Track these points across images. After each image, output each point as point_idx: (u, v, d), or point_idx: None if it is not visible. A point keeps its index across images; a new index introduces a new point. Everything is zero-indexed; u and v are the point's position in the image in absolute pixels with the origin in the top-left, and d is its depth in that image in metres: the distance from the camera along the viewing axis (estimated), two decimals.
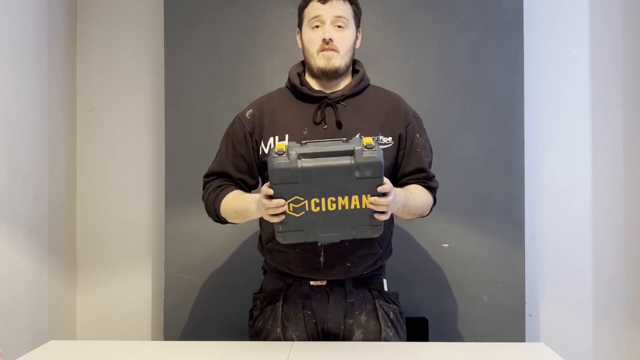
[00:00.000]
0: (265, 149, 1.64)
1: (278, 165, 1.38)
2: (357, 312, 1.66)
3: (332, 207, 1.42)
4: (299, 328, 1.66)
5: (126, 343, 1.76)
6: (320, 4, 1.62)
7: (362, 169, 1.39)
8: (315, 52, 1.63)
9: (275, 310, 1.67)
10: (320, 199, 1.41)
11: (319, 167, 1.39)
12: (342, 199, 1.42)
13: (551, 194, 2.49)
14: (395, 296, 1.74)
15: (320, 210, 1.42)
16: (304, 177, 1.39)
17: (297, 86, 1.67)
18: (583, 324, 2.49)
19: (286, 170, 1.38)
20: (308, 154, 1.40)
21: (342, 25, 1.62)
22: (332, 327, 1.66)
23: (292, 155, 1.39)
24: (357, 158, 1.39)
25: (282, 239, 1.47)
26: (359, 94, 1.69)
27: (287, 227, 1.44)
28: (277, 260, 1.67)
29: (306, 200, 1.41)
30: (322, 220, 1.44)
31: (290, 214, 1.42)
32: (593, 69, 2.50)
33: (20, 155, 2.09)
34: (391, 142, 1.65)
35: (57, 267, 2.37)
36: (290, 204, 1.41)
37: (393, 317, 1.69)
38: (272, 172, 1.39)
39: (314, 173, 1.39)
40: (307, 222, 1.44)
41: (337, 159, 1.40)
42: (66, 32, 2.46)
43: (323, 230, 1.45)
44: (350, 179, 1.40)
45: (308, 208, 1.42)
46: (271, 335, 1.67)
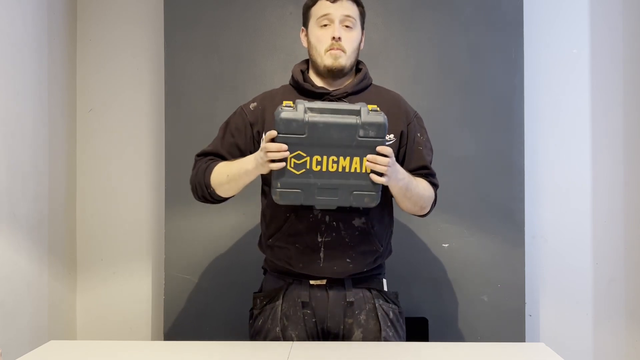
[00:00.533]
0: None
1: (286, 115, 1.40)
2: (356, 312, 1.66)
3: (332, 168, 1.44)
4: (298, 327, 1.66)
5: (126, 343, 1.77)
6: (329, 2, 1.63)
7: (366, 127, 1.42)
8: (323, 51, 1.64)
9: (275, 309, 1.68)
10: (322, 157, 1.43)
11: (325, 122, 1.41)
12: (344, 159, 1.44)
13: (551, 194, 2.49)
14: (395, 296, 1.74)
15: (320, 170, 1.44)
16: (309, 131, 1.41)
17: (300, 82, 1.68)
18: (583, 324, 2.49)
19: (293, 120, 1.40)
20: (315, 109, 1.43)
21: (350, 25, 1.64)
22: (331, 327, 1.67)
23: (299, 108, 1.42)
24: (362, 117, 1.42)
25: (279, 197, 1.46)
26: (361, 92, 1.70)
27: (285, 185, 1.45)
28: (278, 257, 1.67)
29: (308, 156, 1.42)
30: (321, 181, 1.45)
31: (290, 170, 1.43)
32: (593, 69, 2.50)
33: (20, 155, 2.09)
34: (393, 139, 1.66)
35: (57, 267, 2.37)
36: (292, 159, 1.42)
37: (393, 317, 1.70)
38: (279, 122, 1.41)
39: (319, 127, 1.41)
40: (306, 182, 1.44)
41: (343, 117, 1.43)
42: (66, 32, 2.46)
43: (321, 193, 1.46)
44: (354, 138, 1.42)
45: (309, 166, 1.43)
46: (270, 335, 1.67)
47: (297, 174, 1.43)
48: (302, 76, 1.70)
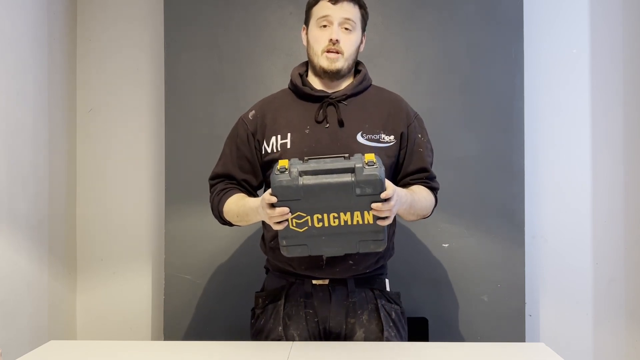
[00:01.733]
0: (267, 148, 1.66)
1: (279, 182, 1.41)
2: (359, 312, 1.66)
3: (334, 223, 1.45)
4: (300, 327, 1.66)
5: (126, 343, 1.76)
6: (330, 4, 1.63)
7: (362, 186, 1.41)
8: (320, 51, 1.64)
9: (277, 308, 1.67)
10: (322, 215, 1.44)
11: (320, 185, 1.41)
12: (344, 214, 1.44)
13: (551, 194, 2.49)
14: (397, 296, 1.74)
15: (322, 226, 1.45)
16: (305, 194, 1.41)
17: (298, 86, 1.68)
18: (583, 324, 2.49)
19: (288, 187, 1.41)
20: (309, 171, 1.42)
21: (349, 28, 1.64)
22: (333, 327, 1.66)
23: (293, 173, 1.41)
24: (357, 175, 1.41)
25: (286, 252, 1.49)
26: (361, 93, 1.70)
27: (290, 242, 1.46)
28: (280, 259, 1.66)
29: (308, 216, 1.43)
30: (325, 235, 1.46)
31: (293, 229, 1.44)
32: (593, 69, 2.50)
33: (20, 155, 2.09)
34: (393, 141, 1.66)
35: (57, 267, 2.37)
36: (293, 220, 1.43)
37: (395, 317, 1.70)
38: (275, 189, 1.42)
39: (315, 190, 1.41)
40: (311, 237, 1.46)
41: (338, 176, 1.42)
42: (66, 32, 2.46)
43: (327, 244, 1.48)
44: (351, 196, 1.42)
45: (311, 224, 1.44)
46: (272, 334, 1.67)
47: (301, 231, 1.45)
48: (300, 80, 1.70)
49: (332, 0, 1.62)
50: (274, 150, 1.64)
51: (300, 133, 1.63)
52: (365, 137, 1.64)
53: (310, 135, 1.62)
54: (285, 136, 1.63)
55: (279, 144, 1.64)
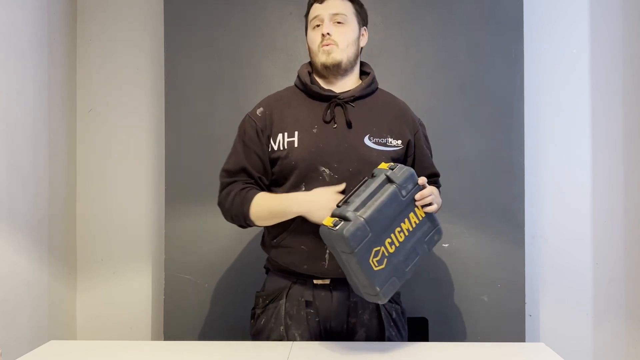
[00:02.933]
0: (274, 145, 1.65)
1: (349, 232, 1.41)
2: (360, 311, 1.66)
3: (401, 238, 1.49)
4: (301, 326, 1.65)
5: (126, 343, 1.76)
6: (318, 4, 1.68)
7: (404, 185, 1.48)
8: (316, 49, 1.67)
9: (278, 308, 1.67)
10: (390, 237, 1.47)
11: (377, 209, 1.44)
12: (404, 223, 1.49)
13: (551, 194, 2.49)
14: (398, 295, 1.75)
15: (396, 247, 1.48)
16: (371, 226, 1.43)
17: (307, 84, 1.69)
18: (583, 324, 2.49)
19: (356, 231, 1.41)
20: (359, 206, 1.44)
21: (340, 21, 1.66)
22: (335, 326, 1.67)
23: (350, 216, 1.42)
24: (395, 180, 1.47)
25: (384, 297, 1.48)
26: (368, 96, 1.71)
27: (382, 284, 1.47)
28: (282, 257, 1.67)
29: (381, 246, 1.45)
30: (401, 254, 1.49)
31: (378, 270, 1.45)
32: (593, 69, 2.50)
33: (20, 155, 2.09)
34: (400, 146, 1.68)
35: (57, 267, 2.37)
36: (374, 261, 1.44)
37: (395, 317, 1.71)
38: (347, 240, 1.41)
39: (376, 217, 1.43)
40: (393, 266, 1.48)
41: (381, 192, 1.46)
42: (66, 32, 2.46)
43: (406, 263, 1.51)
44: (400, 202, 1.47)
45: (387, 253, 1.46)
46: (273, 334, 1.67)
47: (384, 267, 1.47)
48: (309, 78, 1.70)
49: (319, 1, 1.68)
50: (280, 148, 1.64)
51: (308, 132, 1.63)
52: (372, 140, 1.64)
53: (317, 134, 1.62)
54: (293, 134, 1.63)
55: (285, 142, 1.63)
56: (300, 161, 1.61)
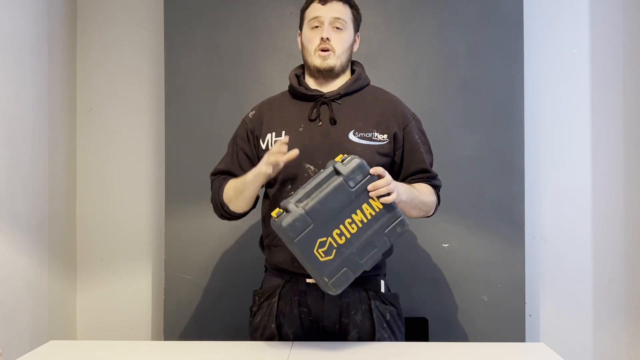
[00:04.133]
0: (262, 145, 1.70)
1: (286, 222, 1.42)
2: (352, 312, 1.66)
3: (353, 229, 1.46)
4: (294, 325, 1.67)
5: (126, 343, 1.77)
6: (320, 5, 1.68)
7: (352, 177, 1.45)
8: (312, 51, 1.69)
9: (271, 306, 1.69)
10: (339, 228, 1.45)
11: (319, 200, 1.43)
12: (356, 215, 1.46)
13: (551, 194, 2.48)
14: (394, 297, 1.73)
15: (346, 239, 1.46)
16: (313, 217, 1.42)
17: (294, 86, 1.73)
18: (583, 324, 2.49)
19: (295, 221, 1.41)
20: (302, 198, 1.44)
21: (340, 27, 1.68)
22: (327, 326, 1.67)
23: (291, 207, 1.43)
24: (341, 171, 1.45)
25: (335, 288, 1.47)
26: (356, 92, 1.72)
27: (331, 274, 1.46)
28: (274, 256, 1.69)
29: (328, 237, 1.44)
30: (354, 246, 1.47)
31: (325, 260, 1.44)
32: (593, 69, 2.50)
33: (20, 155, 2.09)
34: (386, 140, 1.67)
35: (57, 267, 2.37)
36: (319, 251, 1.43)
37: (389, 319, 1.69)
38: (284, 232, 1.42)
39: (318, 207, 1.43)
40: (345, 258, 1.46)
41: (327, 184, 1.45)
42: (66, 32, 2.46)
43: (361, 255, 1.48)
44: (348, 193, 1.45)
45: (335, 244, 1.45)
46: (267, 331, 1.68)
47: (332, 258, 1.45)
48: (296, 80, 1.74)
49: (321, 1, 1.68)
50: (268, 147, 1.67)
51: (294, 131, 1.66)
52: (357, 135, 1.65)
53: (303, 133, 1.66)
54: (280, 134, 1.67)
55: (273, 141, 1.67)
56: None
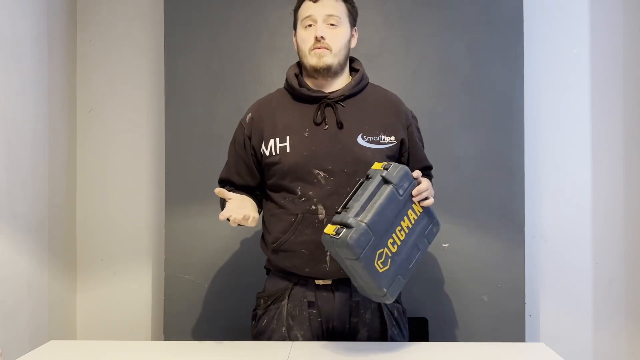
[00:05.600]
0: (266, 151, 1.65)
1: (352, 240, 1.41)
2: (362, 311, 1.66)
3: (402, 236, 1.50)
4: (304, 327, 1.65)
5: (126, 343, 1.76)
6: (312, 3, 1.64)
7: (400, 184, 1.48)
8: (307, 51, 1.64)
9: (280, 309, 1.67)
10: (392, 237, 1.48)
11: (377, 212, 1.44)
12: (404, 221, 1.50)
13: (551, 194, 2.49)
14: (399, 295, 1.73)
15: (398, 246, 1.49)
16: (373, 229, 1.43)
17: (295, 87, 1.67)
18: (583, 324, 2.49)
19: (359, 237, 1.41)
20: (359, 211, 1.44)
21: (334, 24, 1.63)
22: (337, 326, 1.66)
23: (352, 222, 1.42)
24: (391, 180, 1.47)
25: (392, 297, 1.50)
26: (358, 93, 1.69)
27: (388, 284, 1.48)
28: (283, 262, 1.67)
29: (385, 247, 1.46)
30: (404, 252, 1.50)
31: (383, 271, 1.46)
32: (593, 69, 2.50)
33: (20, 155, 2.09)
34: (393, 142, 1.66)
35: (57, 267, 2.37)
36: (378, 263, 1.45)
37: (397, 316, 1.71)
38: (351, 248, 1.41)
39: (376, 220, 1.44)
40: (398, 265, 1.49)
41: (379, 195, 1.46)
42: (66, 32, 2.46)
43: (409, 260, 1.52)
44: (398, 201, 1.48)
45: (390, 253, 1.47)
46: (276, 334, 1.66)
47: (388, 268, 1.48)
48: (296, 80, 1.69)
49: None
50: (272, 154, 1.64)
51: (299, 136, 1.63)
52: (365, 139, 1.63)
53: (309, 138, 1.62)
54: (284, 139, 1.63)
55: (277, 147, 1.63)
56: (293, 166, 1.61)
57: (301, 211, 1.60)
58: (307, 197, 1.60)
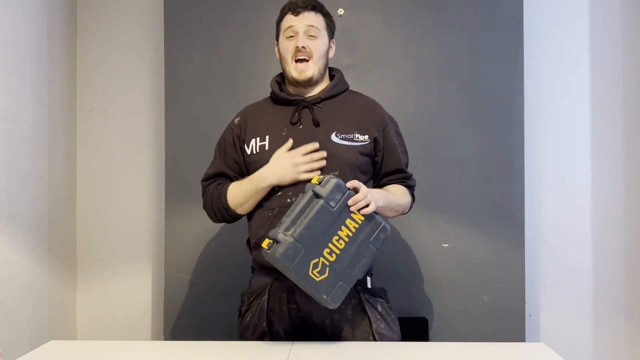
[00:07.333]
0: (247, 150, 1.75)
1: (279, 253, 1.48)
2: (342, 307, 1.66)
3: (341, 245, 1.54)
4: (284, 322, 1.68)
5: (126, 343, 1.77)
6: (293, 15, 1.75)
7: (331, 197, 1.52)
8: (289, 59, 1.74)
9: (262, 304, 1.70)
10: (328, 247, 1.52)
11: (306, 225, 1.50)
12: (341, 231, 1.54)
13: (551, 194, 2.48)
14: (382, 291, 1.76)
15: (337, 255, 1.53)
16: (303, 243, 1.49)
17: (276, 92, 1.79)
18: (583, 324, 2.49)
19: (287, 250, 1.48)
20: (289, 226, 1.51)
21: (314, 35, 1.74)
22: (316, 322, 1.68)
23: (280, 237, 1.49)
24: (321, 194, 1.52)
25: (334, 302, 1.54)
26: (335, 97, 1.78)
27: (329, 292, 1.53)
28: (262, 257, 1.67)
29: (320, 257, 1.51)
30: (346, 260, 1.54)
31: (321, 280, 1.52)
32: (593, 69, 2.50)
33: (20, 155, 2.09)
34: (367, 140, 1.73)
35: (57, 267, 2.37)
36: (314, 272, 1.51)
37: (382, 310, 1.71)
38: (278, 262, 1.49)
39: (305, 233, 1.49)
40: (338, 273, 1.54)
41: (310, 209, 1.52)
42: (66, 32, 2.46)
43: (352, 266, 1.56)
44: (332, 213, 1.52)
45: (327, 262, 1.52)
46: (257, 330, 1.69)
47: (326, 276, 1.52)
48: (277, 86, 1.80)
49: (294, 12, 1.73)
50: (253, 152, 1.74)
51: (278, 135, 1.72)
52: (339, 136, 1.71)
53: (286, 136, 1.71)
54: (264, 138, 1.73)
55: (257, 146, 1.73)
56: None
57: (277, 205, 1.68)
58: (282, 192, 1.68)
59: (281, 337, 1.68)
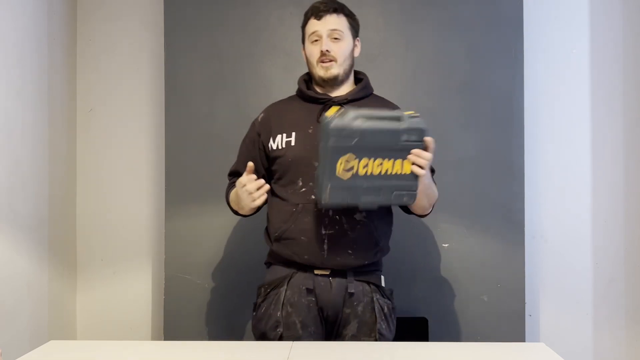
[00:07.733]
0: (273, 145, 1.78)
1: (337, 123, 1.49)
2: (355, 303, 1.73)
3: (377, 171, 1.53)
4: (302, 313, 1.71)
5: (126, 343, 1.77)
6: (316, 20, 1.78)
7: (409, 132, 1.53)
8: (315, 63, 1.78)
9: (279, 295, 1.73)
10: (368, 160, 1.52)
11: (374, 129, 1.50)
12: (387, 161, 1.53)
13: (551, 194, 2.49)
14: (390, 292, 1.82)
15: (366, 174, 1.53)
16: (360, 136, 1.49)
17: (303, 90, 1.82)
18: (583, 324, 2.49)
19: (344, 128, 1.49)
20: (363, 115, 1.51)
21: (337, 37, 1.77)
22: (331, 315, 1.73)
23: (350, 115, 1.50)
24: (405, 123, 1.52)
25: (329, 196, 1.53)
26: (361, 99, 1.81)
27: (335, 186, 1.52)
28: (284, 249, 1.75)
29: (356, 159, 1.51)
30: (366, 184, 1.53)
31: (339, 176, 1.51)
32: (593, 69, 2.50)
33: (20, 155, 2.09)
34: None
35: (57, 267, 2.37)
36: (342, 163, 1.50)
37: (387, 312, 1.77)
38: (331, 131, 1.49)
39: (367, 133, 1.50)
40: (353, 185, 1.53)
41: (389, 123, 1.52)
42: (66, 32, 2.46)
43: (365, 193, 1.55)
44: (397, 142, 1.52)
45: (356, 170, 1.52)
46: (271, 320, 1.72)
47: (346, 179, 1.52)
48: (305, 85, 1.84)
49: (317, 17, 1.77)
50: (279, 147, 1.77)
51: (304, 132, 1.75)
52: None
53: (313, 134, 1.72)
54: (290, 135, 1.76)
55: (284, 142, 1.76)
56: (296, 158, 1.74)
57: (301, 201, 1.71)
58: (307, 188, 1.71)
59: (297, 328, 1.70)
